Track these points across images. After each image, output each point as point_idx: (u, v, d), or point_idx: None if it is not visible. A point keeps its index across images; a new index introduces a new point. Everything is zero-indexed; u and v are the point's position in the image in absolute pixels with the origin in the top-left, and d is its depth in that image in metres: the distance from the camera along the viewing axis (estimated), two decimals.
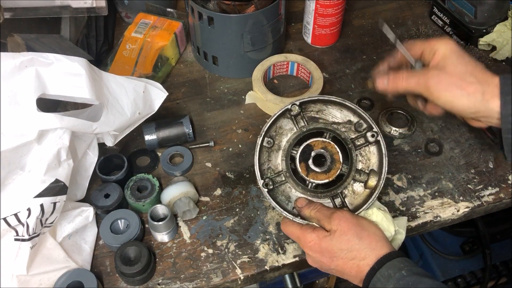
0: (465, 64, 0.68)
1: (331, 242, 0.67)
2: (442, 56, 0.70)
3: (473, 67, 0.68)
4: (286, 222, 0.74)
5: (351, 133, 0.80)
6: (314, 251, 0.69)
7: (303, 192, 0.77)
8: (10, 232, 0.65)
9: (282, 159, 0.79)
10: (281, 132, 0.80)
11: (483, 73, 0.68)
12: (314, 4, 1.01)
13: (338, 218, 0.68)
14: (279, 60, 1.01)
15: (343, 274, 0.68)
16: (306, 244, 0.69)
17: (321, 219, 0.70)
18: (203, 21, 0.94)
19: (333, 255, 0.67)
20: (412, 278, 0.60)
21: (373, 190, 0.77)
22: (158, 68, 0.99)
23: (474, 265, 1.43)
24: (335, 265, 0.67)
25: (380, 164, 0.79)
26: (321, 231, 0.69)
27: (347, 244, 0.66)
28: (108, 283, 0.74)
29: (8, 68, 0.62)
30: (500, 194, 0.84)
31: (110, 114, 0.71)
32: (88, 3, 0.89)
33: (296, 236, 0.71)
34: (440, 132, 0.93)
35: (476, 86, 0.67)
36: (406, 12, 1.17)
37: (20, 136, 0.63)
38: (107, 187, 0.80)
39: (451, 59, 0.69)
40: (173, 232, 0.78)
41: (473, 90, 0.67)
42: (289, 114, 0.79)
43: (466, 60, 0.69)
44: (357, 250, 0.65)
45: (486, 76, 0.68)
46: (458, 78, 0.67)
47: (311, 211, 0.72)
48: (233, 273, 0.75)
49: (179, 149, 0.89)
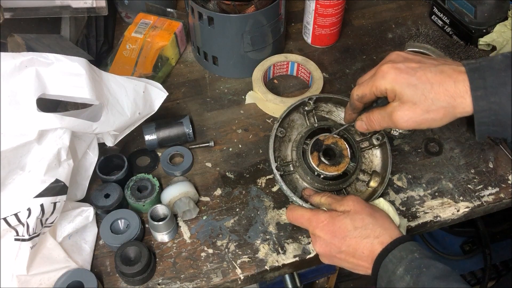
0: (420, 89, 0.62)
1: (345, 220, 0.66)
2: (392, 91, 0.64)
3: (431, 84, 0.61)
4: (295, 207, 0.73)
5: (356, 136, 0.84)
6: (326, 232, 0.67)
7: (311, 183, 0.80)
8: (10, 232, 0.65)
9: (293, 150, 0.82)
10: (293, 125, 0.84)
11: (446, 82, 0.61)
12: (314, 4, 1.01)
13: (351, 199, 0.68)
14: (279, 60, 1.01)
15: (354, 255, 0.66)
16: (318, 224, 0.68)
17: (333, 203, 0.70)
18: (203, 21, 0.94)
19: (346, 235, 0.65)
20: (425, 261, 0.60)
21: (376, 189, 0.80)
22: (158, 68, 0.99)
23: (474, 265, 1.43)
24: (347, 245, 0.66)
25: (384, 165, 0.82)
26: (334, 212, 0.68)
27: (362, 222, 0.65)
28: (108, 283, 0.74)
29: (8, 68, 0.62)
30: (500, 194, 0.84)
31: (110, 114, 0.71)
32: (88, 3, 0.89)
33: (306, 218, 0.70)
34: (440, 132, 0.93)
35: (444, 108, 0.61)
36: (406, 12, 1.17)
37: (20, 136, 0.63)
38: (107, 187, 0.80)
39: (404, 91, 0.62)
40: (173, 232, 0.78)
41: (441, 114, 0.62)
42: (303, 109, 0.83)
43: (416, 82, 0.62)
44: (371, 229, 0.65)
45: (448, 81, 0.61)
46: (421, 109, 0.62)
47: (322, 198, 0.72)
48: (233, 273, 0.75)
49: (179, 149, 0.89)
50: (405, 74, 0.62)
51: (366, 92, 0.67)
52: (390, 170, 0.81)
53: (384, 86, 0.64)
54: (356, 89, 0.69)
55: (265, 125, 0.95)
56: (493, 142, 0.91)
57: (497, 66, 0.58)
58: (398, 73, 0.63)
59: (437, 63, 0.63)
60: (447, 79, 0.60)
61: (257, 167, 0.88)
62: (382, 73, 0.64)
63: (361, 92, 0.68)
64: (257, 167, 0.88)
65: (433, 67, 0.62)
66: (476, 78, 0.58)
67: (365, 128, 0.72)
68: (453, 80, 0.60)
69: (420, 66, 0.63)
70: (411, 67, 0.63)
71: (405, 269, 0.60)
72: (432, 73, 0.61)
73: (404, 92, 0.62)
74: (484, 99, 0.58)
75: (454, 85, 0.60)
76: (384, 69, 0.64)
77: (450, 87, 0.60)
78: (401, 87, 0.62)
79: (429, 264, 0.60)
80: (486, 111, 0.58)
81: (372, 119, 0.69)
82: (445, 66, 0.62)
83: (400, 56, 0.66)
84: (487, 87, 0.58)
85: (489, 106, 0.58)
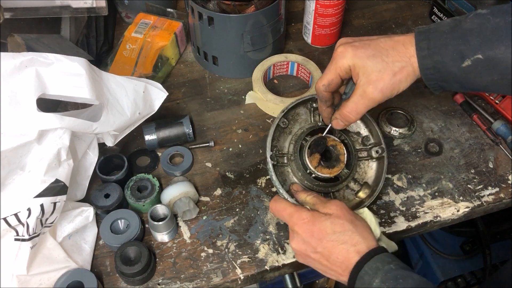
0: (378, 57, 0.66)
1: (325, 222, 0.66)
2: (354, 67, 0.68)
3: (386, 50, 0.66)
4: (280, 199, 0.73)
5: (356, 144, 0.84)
6: (304, 230, 0.67)
7: (301, 180, 0.79)
8: (10, 232, 0.66)
9: (291, 143, 0.81)
10: (296, 119, 0.84)
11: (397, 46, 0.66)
12: (314, 4, 1.01)
13: (335, 204, 0.68)
14: (279, 60, 1.01)
15: (328, 258, 0.66)
16: (299, 221, 0.67)
17: (317, 204, 0.70)
18: (203, 21, 0.94)
19: (323, 237, 0.65)
20: (400, 272, 0.60)
21: (363, 200, 0.80)
22: (158, 68, 0.99)
23: (474, 265, 1.43)
24: (323, 247, 0.65)
25: (377, 179, 0.82)
26: (317, 212, 0.68)
27: (341, 228, 0.65)
28: (108, 283, 0.74)
29: (8, 68, 0.62)
30: (500, 194, 0.84)
31: (110, 114, 0.71)
32: (88, 3, 0.89)
33: (288, 212, 0.69)
34: (440, 132, 0.93)
35: (404, 67, 0.66)
36: (406, 12, 1.17)
37: (20, 136, 0.63)
38: (107, 187, 0.80)
39: (365, 63, 0.67)
40: (173, 232, 0.78)
41: (405, 73, 0.66)
42: (310, 105, 0.83)
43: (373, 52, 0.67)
44: (350, 236, 0.65)
45: (398, 45, 0.66)
46: (388, 74, 0.66)
47: (307, 196, 0.72)
48: (233, 273, 0.75)
49: (179, 149, 0.89)
50: (361, 48, 0.67)
51: (331, 77, 0.70)
52: (381, 185, 0.80)
53: (346, 64, 0.68)
54: (320, 80, 0.72)
55: (265, 125, 0.95)
56: (493, 142, 0.91)
57: (442, 28, 0.64)
58: (355, 48, 0.67)
59: (387, 36, 0.69)
60: (397, 44, 0.66)
61: (257, 167, 0.88)
62: (341, 53, 0.68)
63: (326, 80, 0.71)
64: (257, 167, 0.88)
65: (383, 38, 0.68)
66: (421, 40, 0.64)
67: (342, 124, 0.73)
68: (402, 43, 0.66)
69: (371, 39, 0.69)
70: (364, 41, 0.68)
71: (381, 280, 0.60)
72: (383, 42, 0.67)
73: (367, 64, 0.66)
74: (428, 58, 0.64)
75: (404, 48, 0.66)
76: (341, 49, 0.68)
77: (401, 49, 0.66)
78: (362, 60, 0.66)
79: (405, 275, 0.60)
80: (430, 69, 0.64)
81: (346, 112, 0.70)
82: (395, 36, 0.68)
83: (350, 38, 0.71)
84: (430, 48, 0.63)
85: (433, 65, 0.64)
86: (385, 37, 0.69)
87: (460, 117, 0.96)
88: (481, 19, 0.62)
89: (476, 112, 0.95)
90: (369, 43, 0.68)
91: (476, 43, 0.61)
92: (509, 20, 0.60)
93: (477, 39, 0.61)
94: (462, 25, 0.63)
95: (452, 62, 0.62)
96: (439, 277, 1.42)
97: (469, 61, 0.61)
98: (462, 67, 0.62)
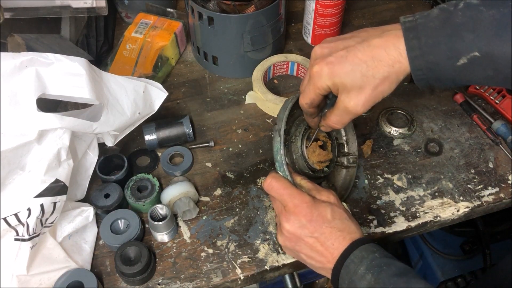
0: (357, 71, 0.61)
1: (327, 209, 0.66)
2: (334, 85, 0.64)
3: (364, 62, 0.61)
4: (280, 176, 0.70)
5: (342, 147, 0.84)
6: (305, 213, 0.66)
7: (292, 163, 0.76)
8: (10, 232, 0.65)
9: (293, 126, 0.78)
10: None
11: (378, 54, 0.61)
12: (314, 4, 1.01)
13: (331, 193, 0.69)
14: (279, 60, 1.01)
15: (323, 244, 0.65)
16: (302, 203, 0.66)
17: (313, 190, 0.69)
18: (203, 21, 0.94)
19: (323, 222, 0.65)
20: (385, 260, 0.61)
21: None
22: (158, 68, 0.99)
23: (474, 265, 1.43)
24: (320, 232, 0.65)
25: (344, 186, 0.83)
26: (317, 198, 0.68)
27: (340, 216, 0.66)
28: (108, 283, 0.74)
29: (8, 68, 0.62)
30: (500, 194, 0.84)
31: (110, 114, 0.71)
32: (88, 3, 0.89)
33: (289, 192, 0.67)
34: (440, 132, 0.93)
35: (387, 77, 0.61)
36: (406, 12, 1.17)
37: (20, 136, 0.63)
38: (107, 187, 0.80)
39: (344, 80, 0.62)
40: (173, 232, 0.78)
41: (387, 83, 0.61)
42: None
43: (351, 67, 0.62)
44: (347, 224, 0.66)
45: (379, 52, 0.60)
46: (369, 89, 0.62)
47: (302, 180, 0.71)
48: (233, 273, 0.75)
49: (179, 149, 0.89)
50: (338, 64, 0.62)
51: (312, 97, 0.67)
52: (348, 193, 0.81)
53: (325, 84, 0.64)
54: (302, 98, 0.69)
55: (265, 125, 0.95)
56: (493, 142, 0.91)
57: (431, 23, 0.58)
58: (331, 67, 0.62)
59: (365, 37, 0.62)
60: (377, 50, 0.60)
61: (257, 167, 0.88)
62: (317, 74, 0.64)
63: (308, 99, 0.68)
64: (257, 167, 0.88)
65: (360, 45, 0.62)
66: (411, 39, 0.59)
67: (330, 129, 0.72)
68: (383, 48, 0.60)
69: (347, 50, 0.62)
70: (340, 55, 0.62)
71: (366, 268, 0.61)
72: (361, 52, 0.61)
73: (345, 81, 0.62)
74: (420, 59, 0.59)
75: (386, 54, 0.60)
76: (316, 70, 0.64)
77: (383, 57, 0.60)
78: (340, 78, 0.62)
79: (389, 262, 0.61)
80: (422, 69, 0.59)
81: (330, 123, 0.69)
82: (372, 38, 0.61)
83: (325, 48, 0.65)
84: (422, 47, 0.58)
85: (425, 65, 0.59)
86: (364, 42, 0.62)
87: (460, 117, 0.96)
88: (473, 11, 0.57)
89: (476, 112, 0.95)
90: (346, 56, 0.62)
91: (471, 39, 0.56)
92: (505, 12, 0.56)
93: (472, 34, 0.56)
94: (453, 19, 0.57)
95: (446, 61, 0.58)
96: (439, 277, 1.42)
97: (464, 59, 0.57)
98: (457, 65, 0.58)
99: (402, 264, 0.62)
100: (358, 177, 0.87)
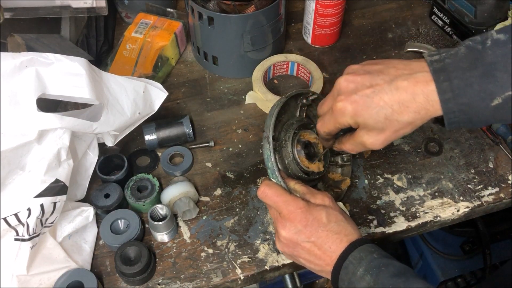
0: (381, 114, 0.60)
1: (321, 212, 0.66)
2: (355, 124, 0.63)
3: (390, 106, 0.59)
4: (273, 183, 0.70)
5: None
6: (300, 219, 0.66)
7: (285, 168, 0.75)
8: (10, 232, 0.66)
9: (281, 130, 0.77)
10: (286, 109, 0.79)
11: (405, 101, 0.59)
12: (314, 4, 1.01)
13: (326, 195, 0.69)
14: (279, 60, 1.01)
15: (320, 247, 0.65)
16: (297, 209, 0.66)
17: (307, 193, 0.69)
18: (203, 21, 0.94)
19: (319, 226, 0.65)
20: (383, 260, 0.62)
21: None
22: (158, 68, 0.99)
23: (474, 265, 1.43)
24: (317, 236, 0.65)
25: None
26: (311, 202, 0.68)
27: (335, 218, 0.66)
28: (108, 283, 0.74)
29: (8, 68, 0.62)
30: (500, 194, 0.84)
31: (110, 114, 0.71)
32: (88, 3, 0.89)
33: (284, 199, 0.67)
34: (440, 132, 0.93)
35: (411, 123, 0.60)
36: (406, 12, 1.17)
37: (20, 136, 0.63)
38: (107, 187, 0.80)
39: (367, 121, 0.61)
40: (173, 232, 0.78)
41: (410, 128, 0.61)
42: (301, 101, 0.79)
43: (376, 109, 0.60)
44: (343, 226, 0.66)
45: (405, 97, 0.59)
46: (390, 131, 0.61)
47: (295, 184, 0.71)
48: (233, 273, 0.75)
49: (179, 149, 0.89)
50: (362, 105, 0.60)
51: (331, 128, 0.67)
52: (345, 189, 0.81)
53: (346, 122, 0.63)
54: (320, 126, 0.69)
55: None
56: (493, 142, 0.91)
57: (461, 63, 0.57)
58: (355, 106, 0.61)
59: (393, 76, 0.60)
60: (404, 95, 0.59)
61: (257, 167, 0.88)
62: (340, 111, 0.63)
63: (327, 130, 0.68)
64: (257, 167, 0.88)
65: (387, 86, 0.60)
66: (442, 81, 0.57)
67: (342, 150, 0.72)
68: (411, 94, 0.58)
69: (374, 90, 0.60)
70: (365, 94, 0.60)
71: (365, 269, 0.61)
72: (388, 95, 0.59)
73: (368, 122, 0.61)
74: (453, 101, 0.57)
75: (413, 100, 0.58)
76: (340, 107, 0.62)
77: (411, 103, 0.59)
78: (363, 119, 0.61)
79: (387, 263, 0.61)
80: (455, 112, 0.58)
81: (345, 148, 0.70)
82: (400, 80, 0.59)
83: (350, 82, 0.62)
84: (454, 89, 0.56)
85: (458, 108, 0.57)
86: (392, 83, 0.60)
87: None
88: (503, 49, 0.56)
89: None
90: (372, 97, 0.60)
91: (505, 79, 0.55)
92: None
93: (505, 74, 0.55)
94: (484, 59, 0.56)
95: (479, 102, 0.56)
96: (439, 277, 1.42)
97: (499, 99, 0.55)
98: (491, 106, 0.56)
99: (400, 264, 0.62)
100: (358, 177, 0.87)
